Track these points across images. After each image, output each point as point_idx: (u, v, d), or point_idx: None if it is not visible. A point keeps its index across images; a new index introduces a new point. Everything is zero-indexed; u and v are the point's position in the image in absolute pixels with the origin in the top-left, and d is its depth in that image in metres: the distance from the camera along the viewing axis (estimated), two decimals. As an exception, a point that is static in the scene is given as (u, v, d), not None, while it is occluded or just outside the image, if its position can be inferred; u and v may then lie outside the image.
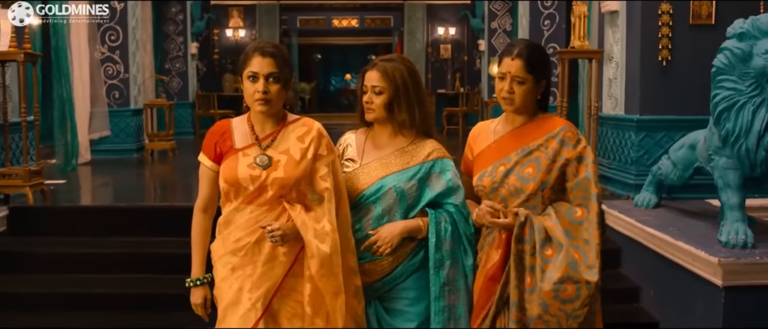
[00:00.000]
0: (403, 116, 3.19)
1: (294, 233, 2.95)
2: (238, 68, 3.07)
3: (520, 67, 3.02)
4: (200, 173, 3.16)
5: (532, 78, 3.04)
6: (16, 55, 6.64)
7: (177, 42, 15.14)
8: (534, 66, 3.04)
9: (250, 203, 3.00)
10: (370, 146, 3.29)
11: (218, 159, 3.09)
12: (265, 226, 2.91)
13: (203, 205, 3.17)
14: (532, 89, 3.06)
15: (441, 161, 3.22)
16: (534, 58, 3.05)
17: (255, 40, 3.54)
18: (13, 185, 6.69)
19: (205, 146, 3.14)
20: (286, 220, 2.97)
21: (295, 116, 3.17)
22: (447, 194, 3.17)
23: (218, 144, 3.10)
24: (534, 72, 3.04)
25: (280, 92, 3.00)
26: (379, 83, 3.17)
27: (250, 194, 2.99)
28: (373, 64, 3.24)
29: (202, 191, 3.17)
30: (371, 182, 3.17)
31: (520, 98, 3.05)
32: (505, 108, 3.12)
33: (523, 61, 3.02)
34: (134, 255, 5.99)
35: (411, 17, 17.99)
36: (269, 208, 2.99)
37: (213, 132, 3.16)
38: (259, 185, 2.97)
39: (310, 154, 3.04)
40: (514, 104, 3.06)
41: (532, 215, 2.98)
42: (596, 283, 2.88)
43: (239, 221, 3.01)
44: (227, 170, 3.02)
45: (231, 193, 3.03)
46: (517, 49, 3.06)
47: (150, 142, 11.49)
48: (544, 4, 11.49)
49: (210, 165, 3.11)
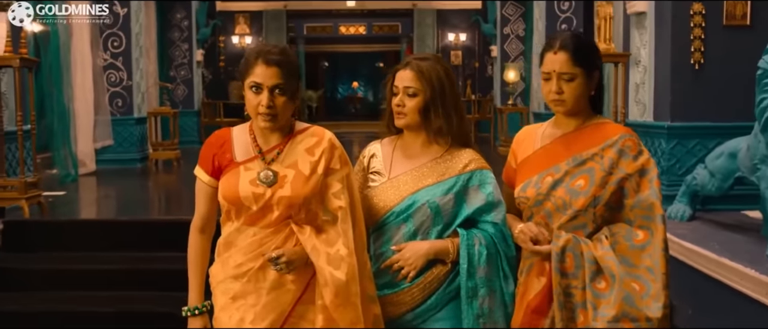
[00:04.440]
0: (439, 122, 2.82)
1: (303, 260, 2.60)
2: (239, 74, 2.72)
3: (566, 62, 2.62)
4: (197, 188, 2.80)
5: (582, 71, 2.64)
6: (11, 60, 6.45)
7: (182, 49, 15.04)
8: (582, 57, 2.63)
9: (254, 225, 2.65)
10: (400, 156, 2.92)
11: (217, 173, 2.73)
12: (268, 254, 2.56)
13: (201, 224, 2.81)
14: (583, 84, 2.66)
15: (480, 173, 2.84)
16: (580, 48, 2.64)
17: (259, 43, 3.15)
18: (8, 198, 6.54)
19: (202, 159, 2.78)
20: (294, 244, 2.62)
21: (303, 125, 2.80)
22: (486, 210, 2.80)
23: (217, 157, 2.74)
24: (583, 64, 2.63)
25: (286, 104, 2.64)
26: (413, 83, 2.80)
27: (253, 215, 2.64)
28: (406, 62, 2.86)
29: (199, 208, 2.81)
30: (402, 197, 2.81)
31: (572, 97, 2.65)
32: (556, 110, 2.73)
33: (568, 53, 2.62)
34: (137, 271, 5.77)
35: (421, 23, 17.81)
36: (275, 230, 2.64)
37: (211, 143, 2.80)
38: (263, 204, 2.62)
39: (321, 168, 2.68)
40: (566, 104, 2.67)
41: (578, 241, 2.59)
42: (660, 319, 2.46)
43: (241, 243, 2.66)
44: (227, 186, 2.67)
45: (232, 212, 2.69)
46: (559, 42, 2.67)
47: (154, 151, 11.37)
48: (560, 7, 11.17)
49: (207, 180, 2.75)
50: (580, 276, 2.55)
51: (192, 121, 15.12)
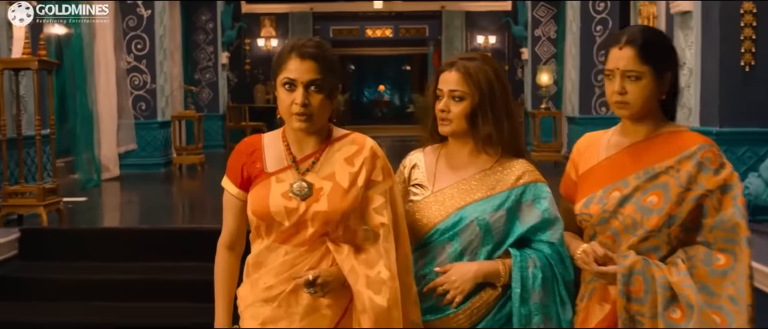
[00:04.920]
0: (488, 129, 2.53)
1: (340, 282, 2.33)
2: (272, 72, 2.44)
3: (632, 58, 2.31)
4: (224, 201, 2.53)
5: (650, 71, 2.31)
6: (29, 62, 6.28)
7: (207, 52, 14.90)
8: (651, 54, 2.31)
9: (286, 243, 2.38)
10: (445, 167, 2.64)
11: (246, 185, 2.46)
12: (301, 277, 2.29)
13: (229, 241, 2.54)
14: (652, 85, 2.33)
15: (534, 186, 2.54)
16: (650, 44, 2.33)
17: (293, 39, 2.83)
18: (26, 205, 6.35)
19: (230, 169, 2.51)
20: (330, 264, 2.35)
21: (342, 132, 2.52)
22: (541, 228, 2.50)
23: (246, 166, 2.47)
24: (652, 62, 2.31)
25: (323, 103, 2.36)
26: (459, 86, 2.52)
27: (286, 231, 2.37)
28: (451, 63, 2.58)
29: (228, 224, 2.54)
30: (448, 213, 2.52)
31: (638, 99, 2.33)
32: (619, 114, 2.40)
33: (635, 49, 2.31)
34: (158, 281, 5.62)
35: (449, 25, 17.53)
36: (309, 248, 2.36)
37: (239, 151, 2.52)
38: (296, 219, 2.35)
39: (361, 180, 2.40)
40: (630, 107, 2.35)
41: (648, 263, 2.28)
42: None
43: (272, 263, 2.39)
44: (257, 199, 2.40)
45: (261, 228, 2.42)
46: (627, 36, 2.36)
47: (178, 156, 11.21)
48: (595, 8, 10.81)
49: (236, 193, 2.48)
50: (650, 302, 2.25)
51: (217, 125, 14.97)
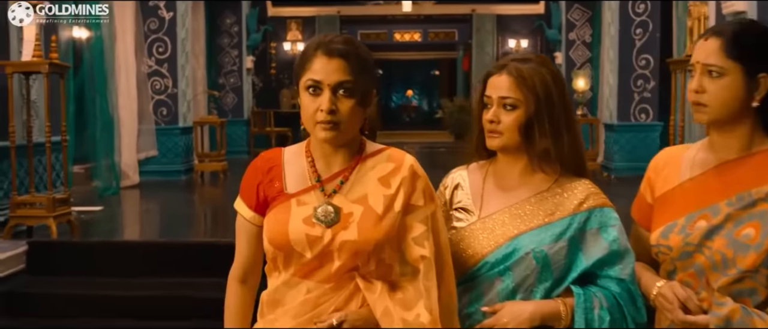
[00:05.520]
0: (545, 143, 2.12)
1: (370, 327, 1.94)
2: (294, 73, 2.05)
3: (715, 51, 1.91)
4: (237, 226, 2.14)
5: (737, 67, 1.89)
6: (40, 66, 5.97)
7: (232, 55, 14.66)
8: (741, 48, 1.89)
9: (307, 278, 1.98)
10: (493, 187, 2.24)
11: (262, 208, 2.07)
12: (324, 321, 1.91)
13: (241, 273, 2.15)
14: (738, 86, 1.90)
15: (600, 212, 2.13)
16: (741, 36, 1.91)
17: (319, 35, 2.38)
18: (34, 216, 6.04)
19: (244, 189, 2.12)
20: (360, 305, 1.96)
21: (376, 146, 2.12)
22: (609, 261, 2.09)
23: (262, 186, 2.08)
24: (741, 57, 1.89)
25: (354, 110, 1.96)
26: (512, 93, 2.12)
27: (308, 264, 1.97)
28: (501, 65, 2.18)
29: (241, 252, 2.15)
30: (498, 243, 2.12)
31: (717, 101, 1.92)
32: (697, 119, 1.99)
33: (721, 40, 1.90)
34: (173, 298, 5.32)
35: (480, 29, 17.11)
36: (335, 286, 1.96)
37: (256, 168, 2.13)
38: (320, 250, 1.95)
39: (398, 204, 2.00)
40: (709, 111, 1.94)
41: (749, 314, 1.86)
42: None
43: (291, 302, 1.99)
44: (274, 225, 2.00)
45: (279, 260, 2.02)
46: (717, 27, 1.96)
47: (200, 163, 10.89)
48: (635, 10, 10.34)
49: (250, 217, 2.09)
50: None
51: (241, 130, 14.69)
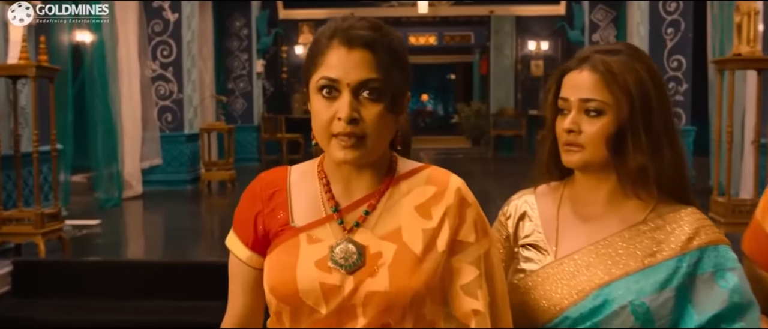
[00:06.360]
0: (640, 160, 1.58)
1: None
2: (304, 71, 1.51)
3: None
4: (230, 268, 1.59)
5: None
6: (26, 69, 5.53)
7: (241, 59, 14.25)
8: None
9: None
10: (571, 218, 1.69)
11: (261, 246, 1.52)
12: None
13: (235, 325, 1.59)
14: None
15: (714, 251, 1.57)
16: None
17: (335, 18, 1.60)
18: (20, 233, 5.65)
19: (239, 220, 1.57)
20: None
21: (411, 164, 1.57)
22: (727, 317, 1.53)
23: (262, 217, 1.53)
24: None
25: (383, 119, 1.43)
26: (597, 94, 1.58)
27: (323, 321, 1.42)
28: (583, 58, 1.63)
29: (234, 303, 1.58)
30: (584, 292, 1.58)
31: None
32: None
33: None
34: (172, 324, 4.95)
35: (498, 31, 16.60)
36: None
37: (253, 194, 1.57)
38: (339, 304, 1.41)
39: (442, 242, 1.45)
40: None
41: None
42: None
43: None
44: (278, 270, 1.46)
45: (284, 315, 1.46)
46: None
47: (207, 171, 10.43)
48: (666, 9, 9.79)
49: (246, 257, 1.54)
50: None
51: (251, 137, 14.30)
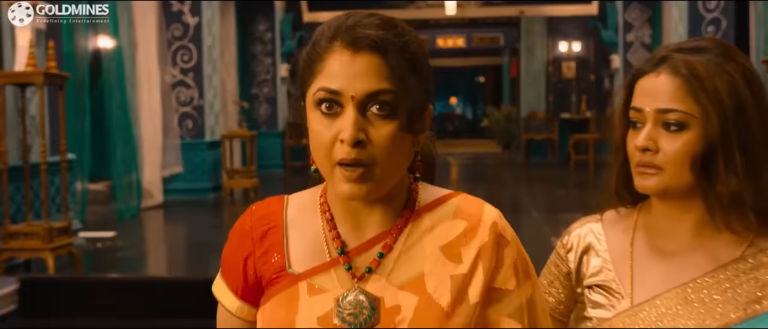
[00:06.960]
0: (734, 183, 1.25)
1: None
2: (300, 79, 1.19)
3: None
4: (218, 318, 1.31)
5: None
6: (34, 76, 5.27)
7: (265, 64, 14.05)
8: None
9: None
10: (648, 252, 1.37)
11: (253, 294, 1.25)
12: None
13: None
14: None
15: None
16: None
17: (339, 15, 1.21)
18: (28, 248, 5.38)
19: (227, 263, 1.28)
20: None
21: (435, 192, 1.25)
22: None
23: (253, 260, 1.23)
24: None
25: (398, 139, 1.13)
26: (679, 103, 1.27)
27: None
28: (660, 59, 1.30)
29: None
30: None
31: None
32: None
33: None
34: None
35: (529, 32, 16.19)
36: None
37: (242, 231, 1.26)
38: None
39: (476, 290, 1.15)
40: None
41: None
42: None
43: None
44: (272, 325, 1.19)
45: None
46: None
47: (229, 180, 10.10)
48: (706, 7, 9.38)
49: (235, 308, 1.26)
50: None
51: (276, 143, 14.03)
